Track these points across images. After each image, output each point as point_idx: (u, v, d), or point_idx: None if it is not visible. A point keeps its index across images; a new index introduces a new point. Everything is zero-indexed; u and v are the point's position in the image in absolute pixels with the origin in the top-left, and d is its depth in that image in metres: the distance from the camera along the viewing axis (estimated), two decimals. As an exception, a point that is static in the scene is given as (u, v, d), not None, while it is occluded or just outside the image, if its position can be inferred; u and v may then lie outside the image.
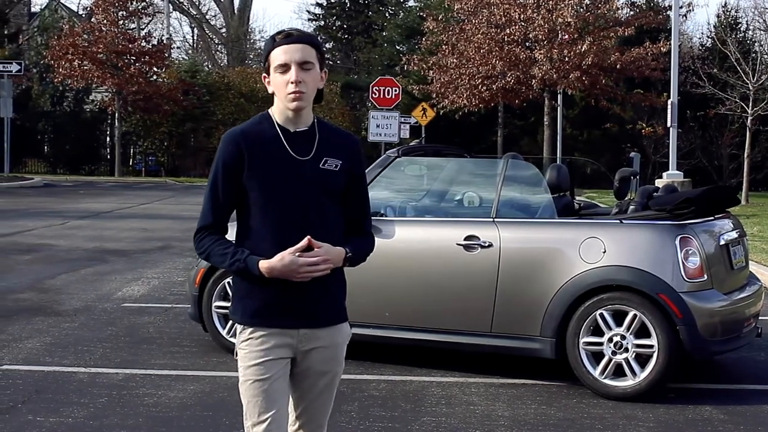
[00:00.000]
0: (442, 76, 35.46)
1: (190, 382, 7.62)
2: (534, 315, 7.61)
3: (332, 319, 3.91)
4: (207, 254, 3.89)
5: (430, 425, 6.65)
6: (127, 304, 10.95)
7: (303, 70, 3.77)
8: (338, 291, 3.95)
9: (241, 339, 3.88)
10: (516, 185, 8.33)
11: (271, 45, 3.82)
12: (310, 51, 3.80)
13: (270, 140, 3.83)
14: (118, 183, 38.19)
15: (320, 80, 3.86)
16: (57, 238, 17.01)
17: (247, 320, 3.85)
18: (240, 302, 3.89)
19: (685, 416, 7.03)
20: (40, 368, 7.96)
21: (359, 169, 3.97)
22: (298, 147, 3.83)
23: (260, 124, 3.89)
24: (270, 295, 3.80)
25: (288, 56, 3.77)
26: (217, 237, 3.88)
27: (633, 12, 39.18)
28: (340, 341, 3.94)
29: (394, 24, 54.78)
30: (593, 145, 42.81)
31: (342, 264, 3.86)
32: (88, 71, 42.69)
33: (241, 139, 3.83)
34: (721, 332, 7.44)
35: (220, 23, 67.81)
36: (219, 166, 3.85)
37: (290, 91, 3.77)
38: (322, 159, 3.84)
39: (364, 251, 3.99)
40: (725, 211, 8.36)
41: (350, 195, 3.94)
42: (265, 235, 3.80)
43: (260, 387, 3.81)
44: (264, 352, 3.82)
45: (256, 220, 3.82)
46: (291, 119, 3.85)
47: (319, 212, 3.82)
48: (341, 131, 4.00)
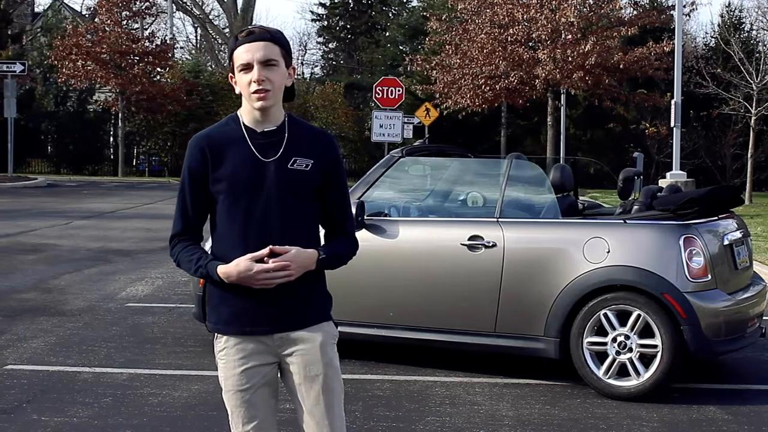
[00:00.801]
0: (446, 76, 35.46)
1: (195, 382, 7.63)
2: (538, 315, 7.62)
3: (307, 321, 3.77)
4: (178, 262, 3.81)
5: (435, 425, 6.66)
6: (131, 304, 10.97)
7: (266, 68, 3.66)
8: (315, 292, 3.81)
9: (217, 348, 3.79)
10: (520, 185, 8.33)
11: (234, 44, 3.72)
12: (273, 48, 3.68)
13: (235, 142, 3.72)
14: (121, 183, 38.21)
15: (287, 77, 3.75)
16: (61, 238, 17.03)
17: (221, 328, 3.76)
18: (213, 310, 3.79)
19: (689, 416, 7.03)
20: (45, 368, 7.97)
21: (334, 168, 3.81)
22: (264, 148, 3.71)
23: (227, 125, 3.79)
24: (241, 301, 3.69)
25: (250, 55, 3.66)
26: (187, 243, 3.79)
27: (636, 12, 39.09)
28: (321, 341, 3.78)
29: (397, 24, 54.76)
30: (597, 145, 42.80)
31: (316, 267, 3.71)
32: (91, 71, 42.72)
33: (204, 143, 3.73)
34: (725, 332, 7.44)
35: (223, 23, 67.84)
36: (185, 173, 3.76)
37: (253, 90, 3.66)
38: (291, 159, 3.71)
39: (342, 253, 3.86)
40: (729, 211, 8.36)
41: (326, 195, 3.81)
42: (231, 239, 3.70)
43: (242, 397, 3.75)
44: (242, 361, 3.73)
45: (222, 224, 3.73)
46: (258, 119, 3.73)
47: (287, 215, 3.70)
48: (314, 129, 3.87)
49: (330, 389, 3.78)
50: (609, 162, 37.48)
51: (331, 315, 3.89)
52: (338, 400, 3.82)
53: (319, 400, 3.76)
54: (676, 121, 27.24)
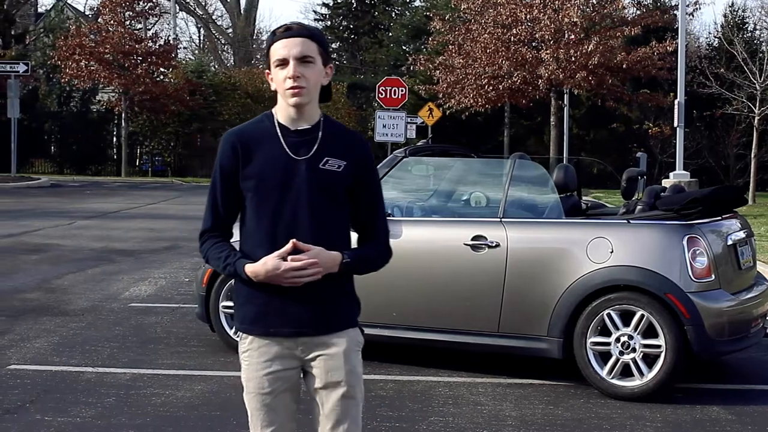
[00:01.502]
0: (449, 76, 35.44)
1: (198, 382, 7.63)
2: (541, 315, 7.61)
3: (333, 326, 3.71)
4: (206, 258, 3.79)
5: (438, 425, 6.65)
6: (134, 304, 10.97)
7: (302, 65, 3.61)
8: (341, 296, 3.74)
9: (241, 349, 3.78)
10: (523, 185, 8.32)
11: (271, 39, 3.67)
12: (311, 45, 3.64)
13: (267, 139, 3.68)
14: (124, 183, 38.23)
15: (324, 76, 3.70)
16: (64, 238, 17.04)
17: (246, 327, 3.73)
18: (240, 309, 3.76)
19: (692, 416, 7.02)
20: (48, 368, 7.97)
21: (367, 171, 3.76)
22: (296, 146, 3.66)
23: (261, 122, 3.75)
24: (266, 302, 3.66)
25: (287, 50, 3.61)
26: (216, 240, 3.76)
27: (639, 11, 39.07)
28: (345, 348, 3.71)
29: (400, 24, 54.78)
30: (600, 145, 42.77)
31: (338, 270, 3.64)
32: (94, 71, 42.75)
33: (236, 138, 3.70)
34: (728, 332, 7.43)
35: (226, 23, 67.90)
36: (216, 169, 3.73)
37: (288, 87, 3.61)
38: (323, 159, 3.66)
39: (370, 259, 3.79)
40: (733, 211, 8.34)
41: (357, 199, 3.74)
42: (260, 238, 3.66)
43: (262, 401, 3.71)
44: (265, 364, 3.70)
45: (251, 222, 3.69)
46: (292, 117, 3.68)
47: (316, 215, 3.64)
48: (349, 131, 3.80)
49: (350, 396, 3.73)
50: (612, 162, 37.43)
51: (358, 321, 3.82)
52: (357, 409, 3.76)
53: (336, 407, 3.71)
54: (679, 121, 27.21)
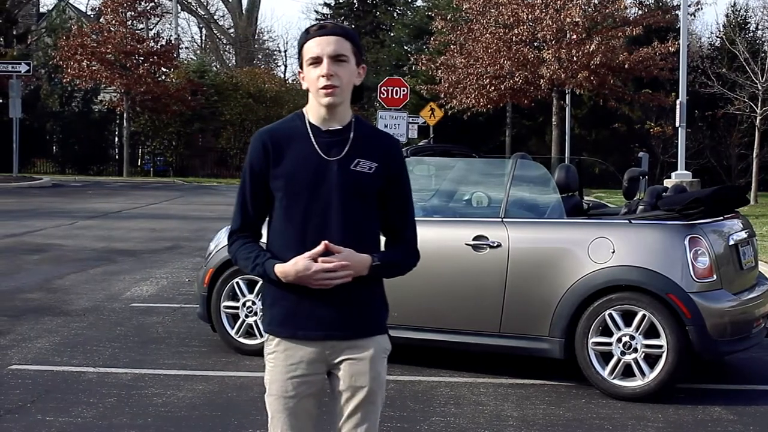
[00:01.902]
0: (450, 76, 35.46)
1: (199, 382, 7.63)
2: (543, 315, 7.60)
3: (362, 332, 3.69)
4: (235, 259, 3.72)
5: (439, 425, 6.65)
6: (135, 304, 10.97)
7: (336, 64, 3.56)
8: (372, 301, 3.72)
9: (267, 351, 3.71)
10: (525, 185, 8.31)
11: (305, 37, 3.63)
12: (345, 44, 3.59)
13: (298, 139, 3.63)
14: (126, 183, 38.24)
15: (357, 76, 3.65)
16: (65, 238, 17.04)
17: (273, 329, 3.68)
18: (268, 310, 3.71)
19: (694, 416, 7.01)
20: (49, 368, 7.97)
21: (398, 173, 3.71)
22: (327, 146, 3.61)
23: (292, 122, 3.70)
24: (295, 303, 3.62)
25: (320, 49, 3.57)
26: (245, 241, 3.70)
27: (641, 11, 39.07)
28: (373, 354, 3.69)
29: (402, 24, 54.76)
30: (602, 145, 42.76)
31: (368, 273, 3.60)
32: (96, 71, 42.76)
33: (267, 138, 3.65)
34: (730, 332, 7.42)
35: (228, 23, 67.91)
36: (246, 168, 3.68)
37: (322, 86, 3.56)
38: (354, 160, 3.61)
39: (399, 262, 3.76)
40: (734, 211, 8.34)
41: (387, 201, 3.70)
42: (289, 238, 3.61)
43: (285, 404, 3.65)
44: (291, 368, 3.64)
45: (281, 222, 3.64)
46: (324, 117, 3.63)
47: (347, 216, 3.59)
48: (381, 132, 3.76)
49: (371, 402, 3.71)
50: (614, 162, 37.40)
51: (387, 327, 3.80)
52: (376, 414, 3.75)
53: (357, 411, 3.69)
54: (681, 121, 27.20)
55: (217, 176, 44.84)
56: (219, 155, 46.99)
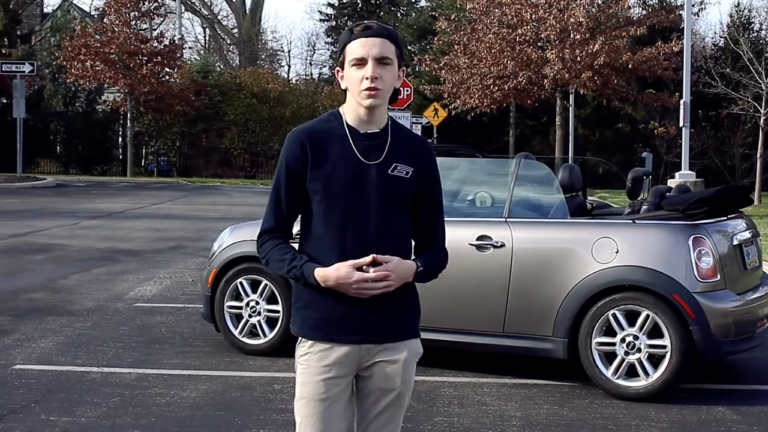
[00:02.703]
0: (454, 77, 35.47)
1: (203, 382, 7.63)
2: (546, 315, 7.60)
3: (398, 335, 3.66)
4: (267, 260, 3.66)
5: (443, 425, 6.65)
6: (139, 304, 10.97)
7: (380, 66, 3.52)
8: (407, 305, 3.71)
9: (300, 353, 3.66)
10: (528, 185, 8.31)
11: (348, 37, 3.56)
12: (389, 46, 3.54)
13: (337, 140, 3.57)
14: (130, 183, 38.25)
15: (398, 78, 3.60)
16: (69, 238, 17.05)
17: (307, 332, 3.62)
18: (299, 312, 3.66)
19: (698, 417, 7.01)
20: (53, 368, 7.98)
21: (432, 177, 3.70)
22: (366, 149, 3.57)
23: (329, 122, 3.63)
24: (331, 307, 3.57)
25: (366, 50, 3.51)
26: (278, 242, 3.64)
27: (645, 11, 39.06)
28: (406, 357, 3.68)
29: (405, 24, 54.76)
30: (605, 145, 42.75)
31: (412, 279, 3.61)
32: (100, 72, 42.77)
33: (305, 137, 3.59)
34: (734, 332, 7.42)
35: (231, 23, 67.95)
36: (282, 167, 3.61)
37: (365, 87, 3.51)
38: (392, 164, 3.58)
39: (436, 266, 3.74)
40: (738, 211, 8.33)
41: (421, 205, 3.69)
42: (326, 241, 3.56)
43: (317, 407, 3.59)
44: (324, 369, 3.59)
45: (317, 225, 3.58)
46: (363, 119, 3.59)
47: (385, 221, 3.56)
48: (415, 136, 3.73)
49: (399, 405, 3.71)
50: (618, 162, 37.43)
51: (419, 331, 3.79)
52: (401, 416, 3.75)
53: (384, 412, 3.68)
54: (684, 121, 27.19)
55: (221, 176, 44.85)
56: (223, 155, 46.99)
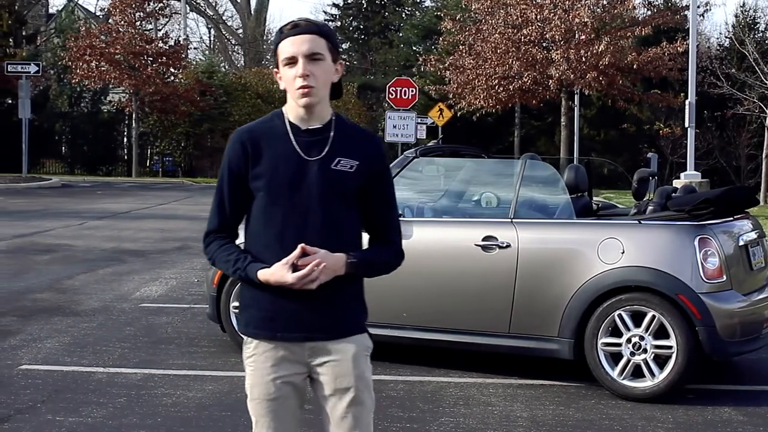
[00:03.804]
0: (459, 77, 35.46)
1: (209, 383, 7.64)
2: (552, 316, 7.60)
3: (342, 331, 3.61)
4: (213, 260, 3.67)
5: (449, 426, 6.65)
6: (145, 304, 10.98)
7: (312, 63, 3.50)
8: (350, 300, 3.65)
9: (246, 354, 3.67)
10: (534, 186, 8.31)
11: (279, 37, 3.56)
12: (320, 41, 3.53)
13: (278, 138, 3.57)
14: (135, 183, 38.30)
15: (334, 73, 3.60)
16: (75, 239, 17.07)
17: (251, 331, 3.63)
18: (244, 312, 3.66)
19: (704, 417, 7.00)
20: (59, 368, 7.99)
21: (380, 171, 3.66)
22: (308, 145, 3.56)
23: (271, 121, 3.63)
24: (273, 306, 3.55)
25: (295, 48, 3.50)
26: (224, 242, 3.65)
27: (650, 12, 39.05)
28: (354, 353, 3.61)
29: (410, 24, 54.82)
30: (610, 145, 42.74)
31: (345, 270, 3.53)
32: (105, 72, 42.86)
33: (246, 137, 3.59)
34: (740, 333, 7.41)
35: (236, 24, 67.99)
36: (224, 167, 3.63)
37: (298, 86, 3.51)
38: (335, 159, 3.56)
39: (378, 261, 3.69)
40: (744, 212, 8.32)
41: (369, 200, 3.65)
42: (268, 239, 3.56)
43: (268, 407, 3.62)
44: (272, 369, 3.59)
45: (259, 223, 3.58)
46: (303, 116, 3.58)
47: (326, 216, 3.54)
48: (362, 130, 3.71)
49: (359, 402, 3.62)
50: (623, 162, 37.41)
51: (366, 326, 3.73)
52: (367, 414, 3.66)
53: (347, 413, 3.61)
54: (690, 122, 27.16)
55: (226, 177, 44.82)
56: (228, 156, 47.01)
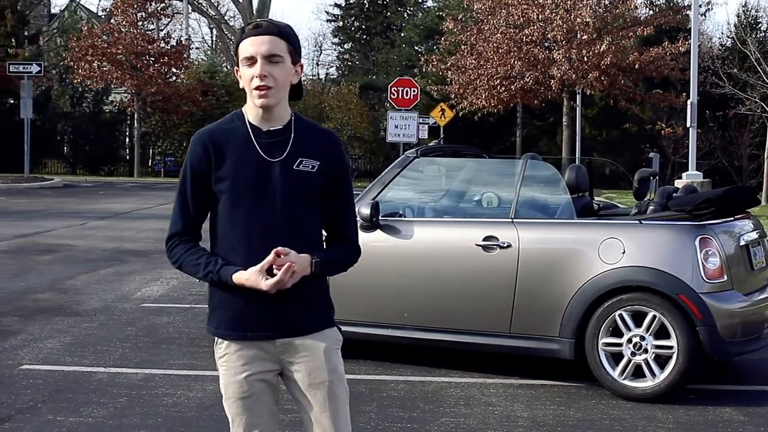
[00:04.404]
0: (461, 77, 35.47)
1: (209, 382, 7.63)
2: (553, 316, 7.59)
3: (311, 327, 3.66)
4: (180, 264, 3.70)
5: (449, 426, 6.65)
6: (146, 304, 10.99)
7: (270, 64, 3.54)
8: (317, 297, 3.70)
9: (218, 354, 3.73)
10: (535, 186, 8.31)
11: (240, 36, 3.60)
12: (279, 43, 3.56)
13: (239, 140, 3.60)
14: (137, 183, 38.32)
15: (294, 74, 3.62)
16: (76, 239, 17.08)
17: (221, 332, 3.68)
18: (213, 313, 3.71)
19: (705, 417, 7.00)
20: (60, 368, 7.99)
21: (340, 171, 3.71)
22: (269, 147, 3.60)
23: (231, 122, 3.67)
24: (241, 305, 3.60)
25: (254, 48, 3.54)
26: (190, 245, 3.68)
27: (652, 11, 39.04)
28: (325, 348, 3.67)
29: (412, 24, 54.81)
30: (612, 145, 42.73)
31: (310, 271, 3.57)
32: (107, 72, 42.88)
33: (207, 139, 3.62)
34: (741, 333, 7.40)
35: (238, 24, 67.94)
36: (186, 170, 3.65)
37: (255, 86, 3.54)
38: (297, 160, 3.60)
39: (338, 260, 3.72)
40: (745, 212, 8.32)
41: (329, 198, 3.69)
42: (233, 240, 3.60)
43: (243, 405, 3.66)
44: (244, 368, 3.65)
45: (224, 225, 3.62)
46: (262, 117, 3.61)
47: (291, 217, 3.59)
48: (321, 130, 3.75)
49: (335, 396, 3.68)
50: (624, 162, 37.38)
51: (335, 320, 3.79)
52: (344, 406, 3.72)
53: (324, 407, 3.67)
54: (692, 122, 27.16)
55: (228, 177, 44.86)
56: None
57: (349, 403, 3.78)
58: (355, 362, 7.98)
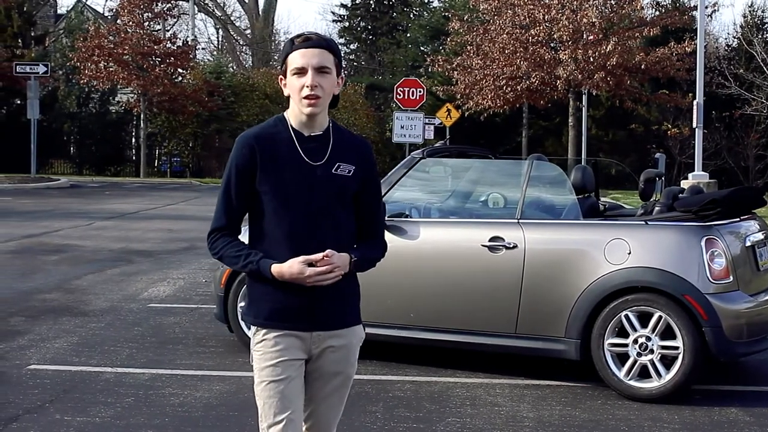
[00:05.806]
0: (467, 78, 35.44)
1: (216, 382, 7.66)
2: (559, 316, 7.60)
3: (345, 322, 3.96)
4: (220, 255, 3.93)
5: (455, 426, 6.66)
6: (153, 304, 11.01)
7: (319, 75, 3.80)
8: (351, 294, 3.99)
9: (255, 341, 3.94)
10: (541, 186, 8.32)
11: (290, 48, 3.84)
12: (328, 56, 3.82)
13: (283, 144, 3.86)
14: (143, 184, 38.35)
15: (336, 86, 3.88)
16: (83, 239, 17.11)
17: (261, 322, 3.90)
18: (253, 305, 3.93)
19: (710, 418, 7.00)
20: (67, 368, 8.02)
21: (371, 174, 3.99)
22: (311, 151, 3.85)
23: (275, 127, 3.92)
24: (283, 298, 3.85)
25: (305, 60, 3.79)
26: (231, 239, 3.92)
27: (658, 12, 39.00)
28: (353, 343, 4.01)
29: (418, 25, 54.78)
30: (618, 145, 42.68)
31: (349, 269, 3.87)
32: (113, 72, 42.92)
33: (254, 142, 3.86)
34: (746, 334, 7.41)
35: (244, 24, 68.06)
36: (232, 169, 3.88)
37: (305, 95, 3.80)
38: (335, 164, 3.87)
39: (371, 257, 4.02)
40: (751, 213, 8.32)
41: (362, 200, 3.97)
42: (279, 238, 3.83)
43: (276, 388, 3.86)
44: (279, 353, 3.87)
45: (269, 223, 3.85)
46: (305, 123, 3.87)
47: (331, 217, 3.86)
48: (355, 136, 4.03)
49: (346, 387, 4.04)
50: (630, 163, 37.36)
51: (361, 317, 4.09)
52: (346, 393, 4.07)
53: (333, 394, 4.00)
54: (698, 122, 27.13)
55: (234, 177, 44.83)
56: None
57: (356, 403, 3.90)
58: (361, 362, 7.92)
